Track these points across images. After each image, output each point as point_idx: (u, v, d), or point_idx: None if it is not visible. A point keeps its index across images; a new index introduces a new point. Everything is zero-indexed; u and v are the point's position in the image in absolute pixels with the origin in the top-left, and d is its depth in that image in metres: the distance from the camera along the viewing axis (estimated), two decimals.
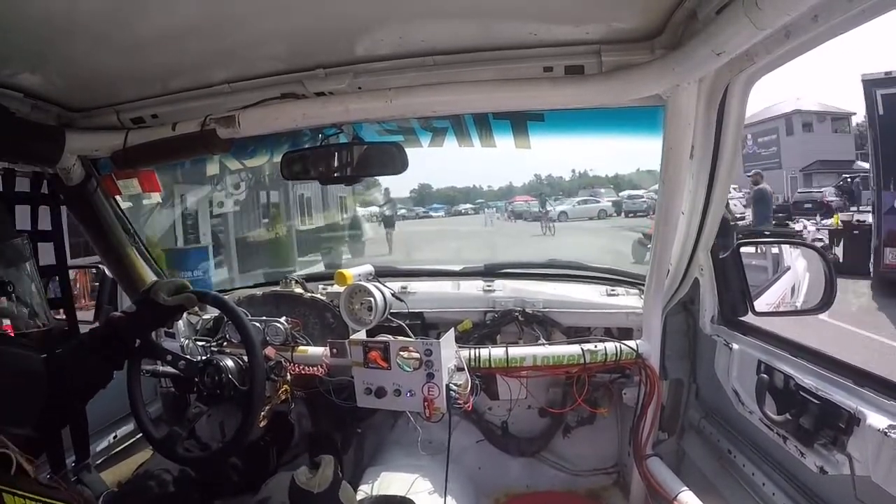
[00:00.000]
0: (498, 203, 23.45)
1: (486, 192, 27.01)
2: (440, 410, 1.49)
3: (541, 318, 1.88)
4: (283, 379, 1.70)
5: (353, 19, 1.17)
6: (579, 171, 24.74)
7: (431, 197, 26.60)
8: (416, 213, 24.33)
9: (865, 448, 1.02)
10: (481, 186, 27.69)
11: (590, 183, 22.61)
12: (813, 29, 0.94)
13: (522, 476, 2.05)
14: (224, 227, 8.64)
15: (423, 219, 23.36)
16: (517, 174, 25.76)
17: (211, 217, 8.39)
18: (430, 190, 27.35)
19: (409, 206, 24.64)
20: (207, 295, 1.72)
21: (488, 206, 22.73)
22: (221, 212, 8.43)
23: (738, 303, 1.61)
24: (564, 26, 1.22)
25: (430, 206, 25.46)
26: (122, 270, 2.00)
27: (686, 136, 1.31)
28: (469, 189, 27.27)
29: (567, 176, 25.29)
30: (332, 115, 1.43)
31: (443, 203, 25.87)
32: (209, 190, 7.87)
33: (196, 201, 7.97)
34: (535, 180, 25.15)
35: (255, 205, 9.61)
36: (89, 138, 1.58)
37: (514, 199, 22.75)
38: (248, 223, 9.31)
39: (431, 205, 25.58)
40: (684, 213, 1.50)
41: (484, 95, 1.34)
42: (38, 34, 1.12)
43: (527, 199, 21.82)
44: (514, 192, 24.00)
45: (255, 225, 9.53)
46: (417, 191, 26.67)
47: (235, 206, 8.49)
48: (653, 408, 1.72)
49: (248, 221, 9.31)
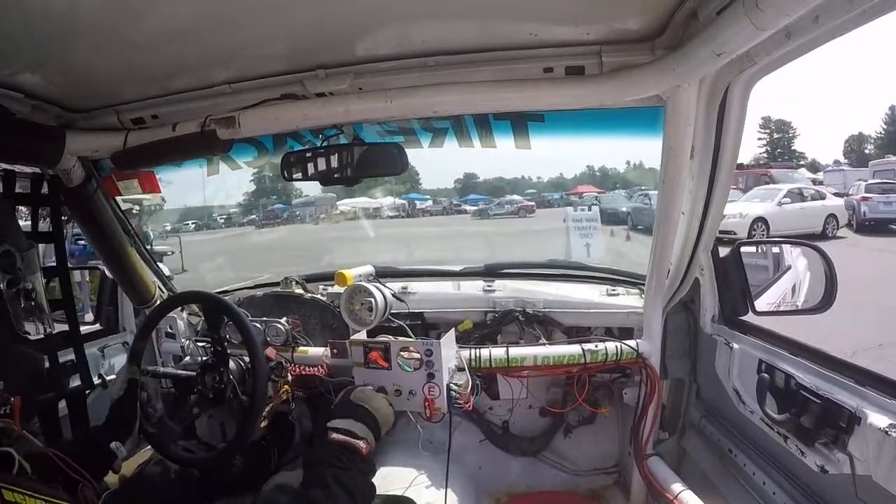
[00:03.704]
0: (554, 195, 19.81)
1: (536, 182, 23.23)
2: (441, 410, 1.49)
3: (541, 317, 1.88)
4: (283, 379, 1.71)
5: (353, 20, 1.17)
6: (634, 163, 19.24)
7: (477, 187, 23.34)
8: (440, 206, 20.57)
9: (866, 447, 1.03)
10: (530, 177, 23.57)
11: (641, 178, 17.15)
12: (814, 30, 0.94)
13: (523, 476, 2.05)
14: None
15: (441, 216, 19.44)
16: (565, 165, 21.08)
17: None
18: (475, 180, 24.41)
19: (450, 196, 21.43)
20: (208, 296, 1.73)
21: (566, 200, 17.49)
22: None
23: (739, 302, 1.62)
24: (565, 27, 1.22)
25: (467, 198, 21.55)
26: (123, 271, 2.00)
27: (686, 137, 1.31)
28: (518, 180, 23.40)
29: (621, 167, 20.92)
30: (333, 115, 1.42)
31: (486, 195, 21.35)
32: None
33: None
34: (587, 171, 21.30)
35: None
36: (89, 139, 1.57)
37: (576, 190, 18.91)
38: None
39: (468, 196, 21.85)
40: (684, 213, 1.50)
41: (484, 96, 1.34)
42: (38, 34, 1.11)
43: (590, 188, 18.44)
44: (567, 184, 20.25)
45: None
46: (462, 180, 24.01)
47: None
48: (653, 407, 1.73)
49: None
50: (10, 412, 1.15)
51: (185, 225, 16.52)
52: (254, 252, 12.19)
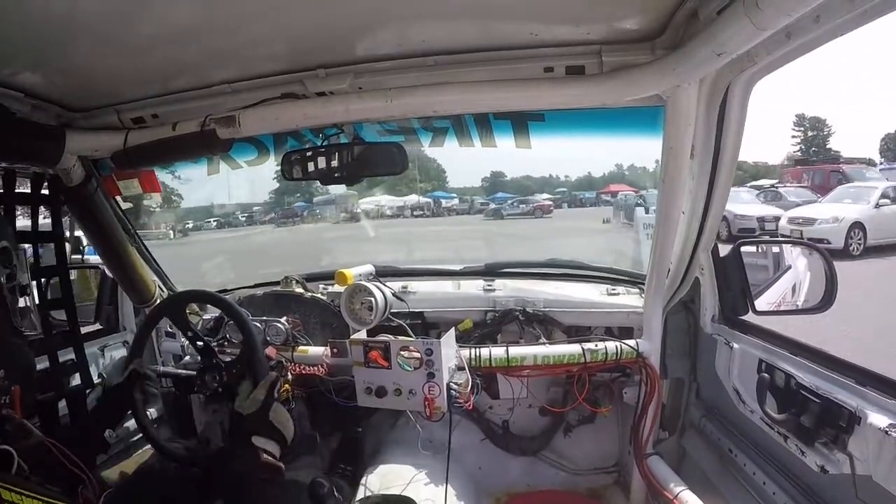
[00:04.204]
0: (585, 194, 19.47)
1: (565, 181, 22.80)
2: (441, 410, 1.49)
3: (541, 317, 1.88)
4: (283, 379, 1.70)
5: (353, 19, 1.17)
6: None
7: (505, 186, 22.02)
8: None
9: (866, 447, 1.03)
10: (558, 175, 23.32)
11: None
12: (814, 30, 0.94)
13: (523, 475, 2.05)
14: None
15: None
16: (594, 163, 20.47)
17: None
18: (503, 178, 23.38)
19: (477, 195, 20.16)
20: (209, 295, 1.73)
21: (600, 199, 16.46)
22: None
23: (739, 302, 1.61)
24: (565, 26, 1.22)
25: (494, 197, 20.15)
26: (123, 271, 2.00)
27: (686, 137, 1.31)
28: (545, 179, 22.55)
29: (651, 166, 21.85)
30: (333, 115, 1.42)
31: (513, 194, 19.98)
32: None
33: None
34: (616, 170, 20.56)
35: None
36: (89, 138, 1.57)
37: (609, 189, 18.04)
38: None
39: (496, 194, 20.56)
40: (685, 212, 1.51)
41: (484, 95, 1.34)
42: (38, 34, 1.11)
43: (623, 187, 17.11)
44: (596, 183, 19.75)
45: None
46: (489, 179, 23.02)
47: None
48: (653, 407, 1.73)
49: None
50: (11, 401, 1.18)
51: (207, 223, 16.61)
52: (270, 250, 11.81)
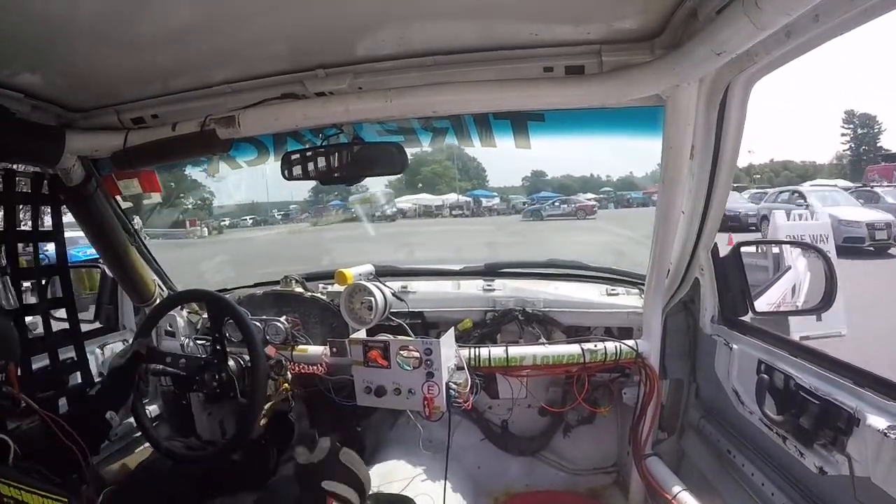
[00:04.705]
0: (632, 194, 18.90)
1: (605, 181, 22.61)
2: (440, 409, 1.49)
3: (541, 317, 1.88)
4: (283, 378, 1.71)
5: (353, 19, 1.17)
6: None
7: (546, 185, 22.30)
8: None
9: (865, 448, 1.02)
10: (600, 175, 23.20)
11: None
12: (813, 29, 0.94)
13: (522, 475, 2.05)
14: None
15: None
16: (634, 163, 19.96)
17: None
18: (544, 177, 23.45)
19: (518, 194, 19.85)
20: (209, 294, 1.73)
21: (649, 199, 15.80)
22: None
23: (739, 302, 1.61)
24: (565, 26, 1.22)
25: (537, 195, 19.57)
26: (123, 270, 2.00)
27: (686, 136, 1.31)
28: (586, 178, 22.72)
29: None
30: (333, 115, 1.43)
31: (556, 192, 19.71)
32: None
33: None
34: (657, 169, 21.74)
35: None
36: (89, 138, 1.58)
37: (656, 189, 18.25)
38: None
39: (538, 193, 20.10)
40: (684, 212, 1.50)
41: (484, 95, 1.34)
42: (38, 34, 1.12)
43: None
44: (636, 183, 19.09)
45: None
46: (530, 178, 23.20)
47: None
48: (652, 407, 1.72)
49: None
50: (7, 378, 1.21)
51: (243, 220, 16.60)
52: (303, 248, 11.96)
